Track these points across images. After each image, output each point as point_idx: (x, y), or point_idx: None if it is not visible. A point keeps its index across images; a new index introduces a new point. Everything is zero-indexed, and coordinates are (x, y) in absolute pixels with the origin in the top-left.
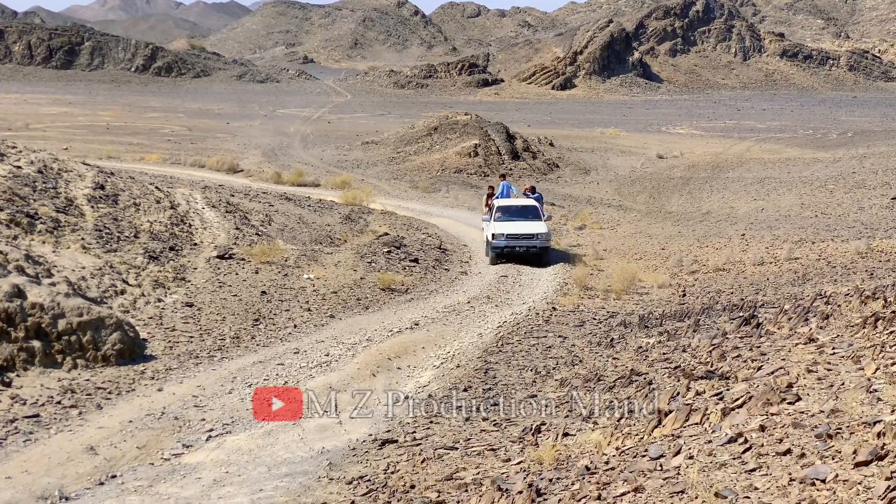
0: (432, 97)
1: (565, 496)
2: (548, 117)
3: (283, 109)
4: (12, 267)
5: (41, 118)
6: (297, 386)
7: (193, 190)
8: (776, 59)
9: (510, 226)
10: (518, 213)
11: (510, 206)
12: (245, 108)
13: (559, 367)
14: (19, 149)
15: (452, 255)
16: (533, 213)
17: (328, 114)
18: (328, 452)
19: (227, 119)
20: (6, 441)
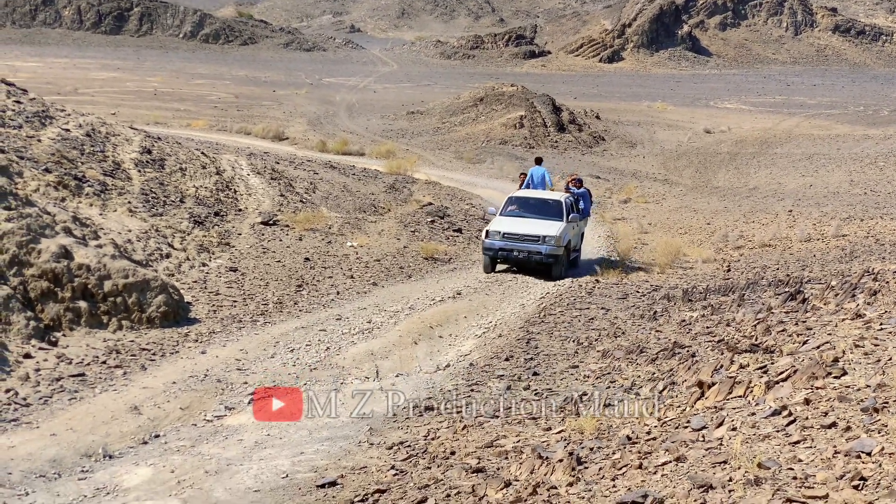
0: (479, 68)
1: (606, 465)
2: (594, 90)
3: (329, 78)
4: (60, 228)
5: (90, 83)
6: (339, 352)
7: (239, 156)
8: (828, 34)
9: (514, 223)
10: (536, 208)
11: (528, 199)
12: (291, 76)
13: (601, 339)
14: (68, 112)
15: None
16: (555, 211)
17: (374, 83)
18: (368, 418)
19: (273, 87)
20: (52, 399)
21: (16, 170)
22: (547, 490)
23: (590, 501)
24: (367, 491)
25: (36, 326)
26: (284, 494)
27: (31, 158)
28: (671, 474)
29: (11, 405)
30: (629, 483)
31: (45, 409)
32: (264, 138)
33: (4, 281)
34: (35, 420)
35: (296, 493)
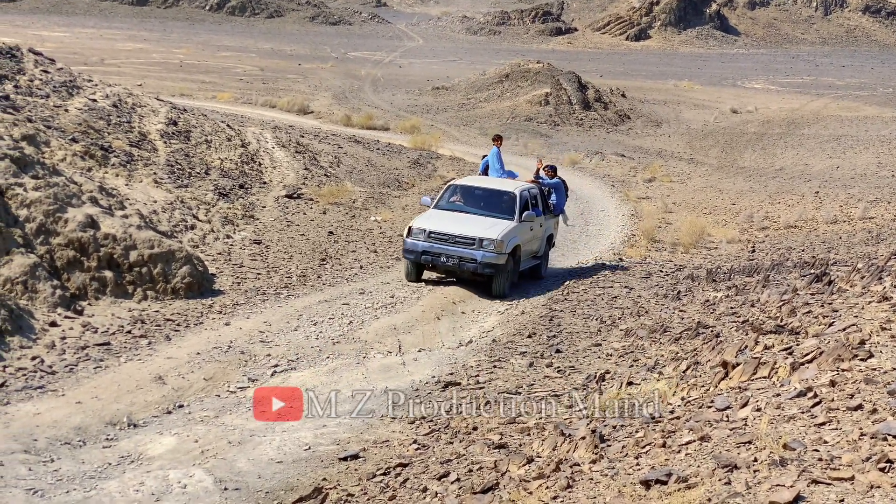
0: (504, 44)
1: (629, 443)
2: (621, 68)
3: (354, 52)
4: (86, 198)
5: (116, 53)
6: (361, 326)
7: (264, 129)
8: (858, 14)
9: (447, 220)
10: (482, 200)
11: (472, 189)
12: (317, 49)
13: (625, 318)
14: (95, 83)
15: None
16: (505, 206)
17: (399, 58)
18: (391, 392)
19: (298, 60)
20: (77, 367)
21: (43, 139)
22: (570, 467)
23: (613, 479)
24: (390, 464)
25: (62, 295)
26: (307, 466)
27: (58, 128)
28: (695, 453)
29: (37, 373)
30: (653, 461)
31: (71, 378)
32: (289, 111)
33: (31, 250)
34: (61, 388)
35: (318, 464)
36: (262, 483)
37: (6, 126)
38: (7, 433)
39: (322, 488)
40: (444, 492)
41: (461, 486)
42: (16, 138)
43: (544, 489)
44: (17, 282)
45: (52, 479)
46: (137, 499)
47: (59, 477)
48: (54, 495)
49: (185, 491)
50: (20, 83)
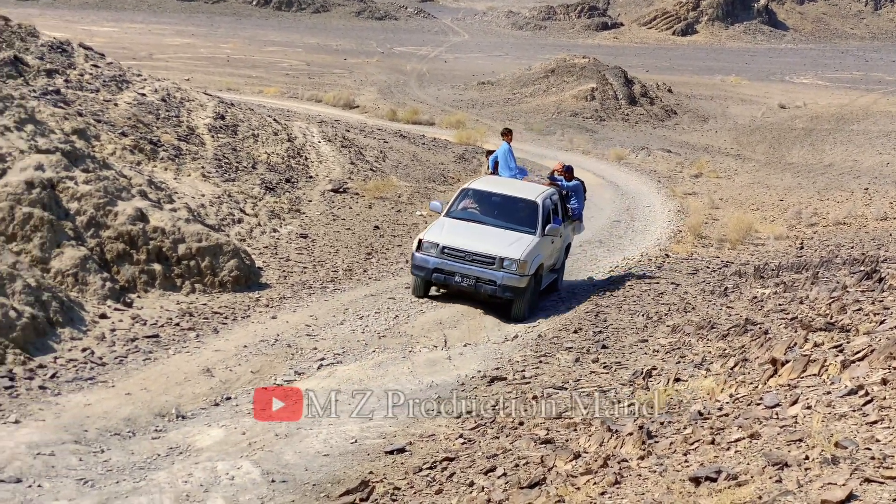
0: (550, 39)
1: (677, 439)
2: (667, 63)
3: (400, 47)
4: (136, 191)
5: (164, 48)
6: (407, 321)
7: (310, 124)
8: None
9: (462, 232)
10: (499, 209)
11: (489, 195)
12: (362, 44)
13: (671, 314)
14: (144, 77)
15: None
16: (526, 217)
17: (445, 53)
18: (437, 386)
19: (344, 55)
20: (127, 359)
21: (93, 133)
22: (618, 463)
23: (661, 475)
24: (436, 458)
25: (112, 287)
26: (353, 459)
27: (107, 122)
28: (745, 451)
29: (88, 364)
30: (702, 458)
31: (121, 369)
32: (335, 106)
33: (82, 242)
34: (110, 379)
35: (364, 458)
36: (309, 475)
37: (57, 120)
38: (58, 423)
39: (369, 481)
40: (490, 486)
41: (508, 480)
42: (67, 132)
43: (592, 485)
44: (68, 274)
45: (102, 469)
46: (186, 490)
47: (109, 467)
48: (104, 485)
49: (234, 482)
50: (71, 77)
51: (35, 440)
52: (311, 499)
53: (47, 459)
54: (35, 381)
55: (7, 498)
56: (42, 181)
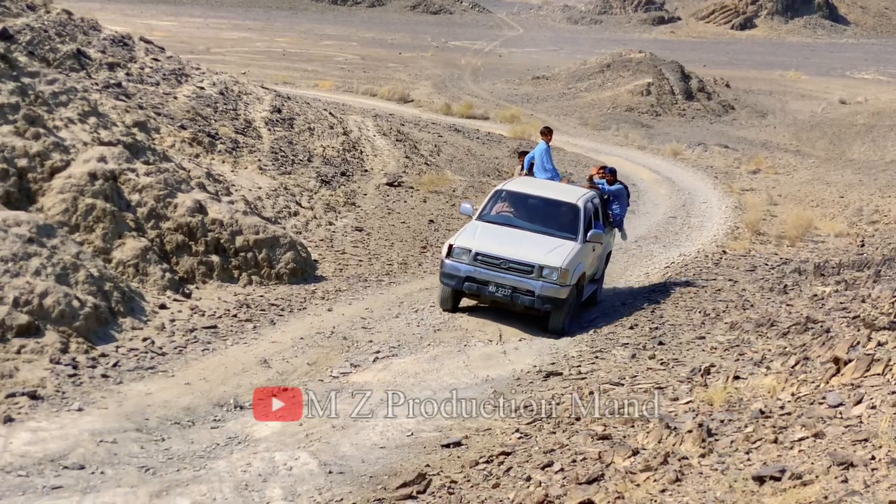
0: (606, 34)
1: (738, 438)
2: (725, 58)
3: (454, 41)
4: (194, 184)
5: (221, 42)
6: (462, 315)
7: (365, 117)
8: None
9: (497, 237)
10: (537, 213)
11: (526, 197)
12: (417, 38)
13: (729, 311)
14: (202, 70)
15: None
16: (567, 222)
17: (500, 47)
18: (493, 381)
19: (399, 49)
20: (186, 349)
21: (153, 126)
22: (678, 460)
23: (723, 474)
24: (492, 452)
25: (171, 278)
26: (410, 452)
27: (167, 115)
28: (809, 450)
29: (148, 354)
30: (764, 457)
31: (180, 359)
32: (389, 100)
33: (143, 233)
34: (170, 369)
35: (421, 451)
36: (365, 468)
37: (119, 113)
38: (120, 412)
39: (425, 474)
40: (548, 481)
41: (565, 476)
42: (128, 125)
43: (652, 482)
44: (129, 265)
45: (163, 457)
46: (245, 479)
47: (170, 456)
48: (165, 473)
49: (291, 473)
50: (132, 71)
51: (98, 428)
52: (367, 490)
53: (110, 447)
54: (97, 370)
55: (71, 484)
56: (104, 173)
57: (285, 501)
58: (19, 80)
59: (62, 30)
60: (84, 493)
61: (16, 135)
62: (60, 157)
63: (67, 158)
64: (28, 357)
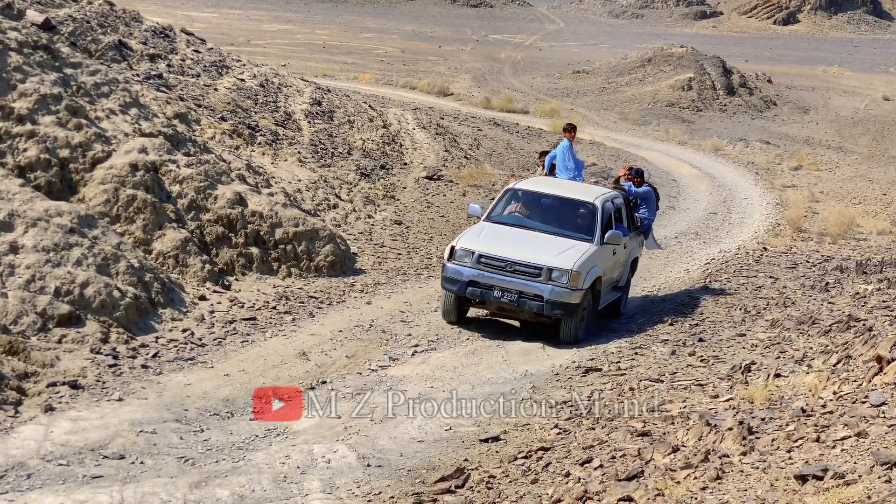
0: (647, 28)
1: (780, 436)
2: (767, 53)
3: (495, 35)
4: (235, 175)
5: (262, 34)
6: None
7: (405, 111)
8: None
9: (503, 238)
10: (551, 213)
11: (538, 196)
12: (457, 32)
13: (770, 308)
14: (243, 62)
15: (660, 189)
16: (582, 222)
17: (540, 41)
18: (531, 375)
19: (439, 42)
20: (225, 340)
21: (194, 117)
22: (719, 458)
23: (765, 472)
24: (531, 448)
25: (211, 270)
26: (448, 446)
27: (207, 106)
28: (851, 449)
29: (188, 345)
30: (806, 456)
31: (219, 350)
32: (429, 93)
33: (183, 225)
34: (209, 360)
35: (459, 445)
36: (404, 461)
37: (160, 104)
38: (160, 402)
39: (464, 468)
40: (587, 478)
41: (605, 472)
42: (169, 116)
43: (692, 479)
44: (169, 256)
45: (202, 448)
46: (283, 471)
47: (209, 446)
48: (204, 464)
49: (330, 465)
50: (173, 62)
51: (138, 418)
52: (406, 484)
53: (149, 437)
54: (137, 360)
55: (111, 474)
56: (145, 164)
57: (324, 494)
58: (62, 71)
59: (104, 21)
60: (124, 482)
61: (58, 125)
62: (102, 147)
63: (109, 149)
64: (69, 347)
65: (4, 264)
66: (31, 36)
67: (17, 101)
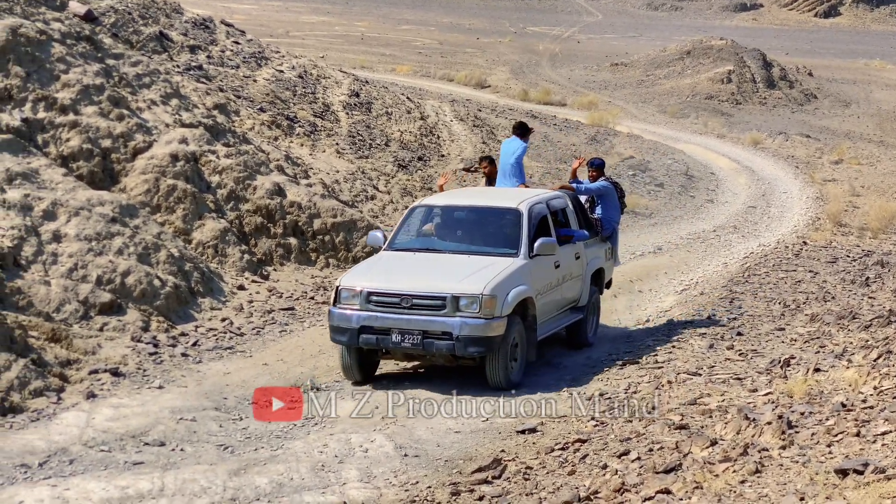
0: (686, 21)
1: (819, 430)
2: (808, 46)
3: (532, 27)
4: (273, 166)
5: (300, 26)
6: None
7: (442, 102)
8: None
9: (399, 269)
10: (468, 228)
11: (449, 210)
12: (495, 24)
13: (809, 302)
14: (282, 54)
15: (699, 182)
16: (505, 235)
17: (578, 33)
18: (567, 368)
19: (477, 34)
20: (263, 330)
21: (233, 108)
22: (758, 451)
23: (804, 466)
24: (568, 439)
25: (249, 260)
26: (485, 437)
27: (247, 98)
28: (892, 444)
29: (227, 334)
30: (846, 450)
31: (258, 340)
32: (466, 85)
33: (222, 215)
34: (248, 349)
35: (496, 436)
36: (441, 451)
37: (200, 95)
38: (200, 390)
39: (501, 459)
40: (624, 470)
41: (642, 464)
42: (208, 107)
43: (731, 472)
44: (209, 245)
45: (241, 436)
46: (322, 460)
47: (248, 435)
48: (243, 452)
49: (367, 455)
50: (212, 53)
51: (178, 405)
52: (443, 474)
53: (189, 425)
54: (177, 349)
55: (152, 460)
56: (186, 154)
57: (361, 483)
58: (104, 62)
59: (145, 12)
60: (165, 469)
61: (100, 116)
62: (143, 138)
63: (150, 139)
64: (110, 335)
65: (48, 252)
66: (74, 27)
67: (61, 91)
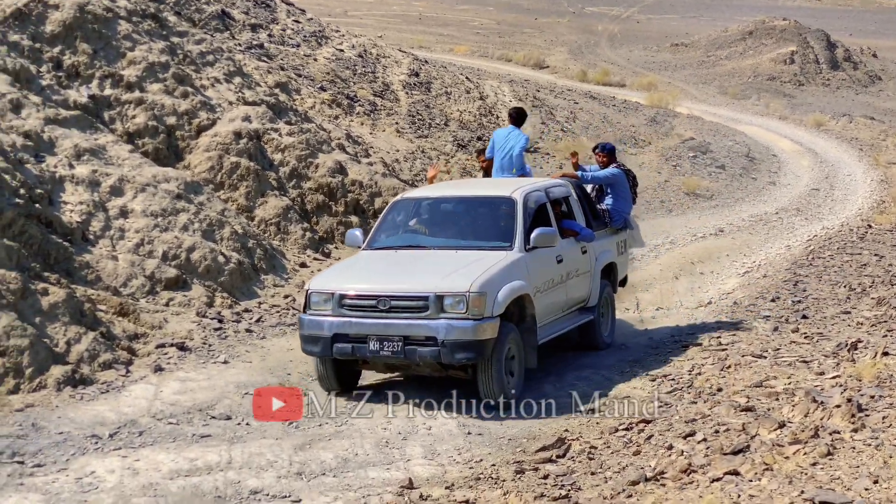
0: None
1: (891, 414)
2: (872, 27)
3: (591, 7)
4: (335, 145)
5: (358, 5)
6: None
7: (501, 83)
8: None
9: (376, 268)
10: (456, 221)
11: (436, 202)
12: (553, 4)
13: (875, 286)
14: (342, 33)
15: (761, 164)
16: (495, 228)
17: (637, 13)
18: (629, 349)
19: (535, 14)
20: None
21: (294, 87)
22: (829, 434)
23: (878, 449)
24: (632, 420)
25: (311, 238)
26: (547, 416)
27: (307, 76)
28: None
29: (290, 311)
30: None
31: None
32: (525, 66)
33: (284, 192)
34: None
35: (559, 416)
36: (504, 430)
37: (261, 73)
38: (264, 366)
39: (565, 439)
40: (690, 451)
41: (708, 446)
42: (270, 85)
43: (802, 455)
44: (271, 223)
45: (305, 411)
46: (385, 436)
47: (312, 410)
48: (308, 427)
49: (430, 432)
50: (273, 32)
51: (243, 380)
52: (506, 452)
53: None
54: (241, 325)
55: (218, 433)
56: (249, 132)
57: (425, 460)
58: (169, 40)
59: None
60: (231, 442)
61: (165, 93)
62: (207, 115)
63: (213, 117)
64: (176, 310)
65: (115, 228)
66: (140, 5)
67: (127, 68)
